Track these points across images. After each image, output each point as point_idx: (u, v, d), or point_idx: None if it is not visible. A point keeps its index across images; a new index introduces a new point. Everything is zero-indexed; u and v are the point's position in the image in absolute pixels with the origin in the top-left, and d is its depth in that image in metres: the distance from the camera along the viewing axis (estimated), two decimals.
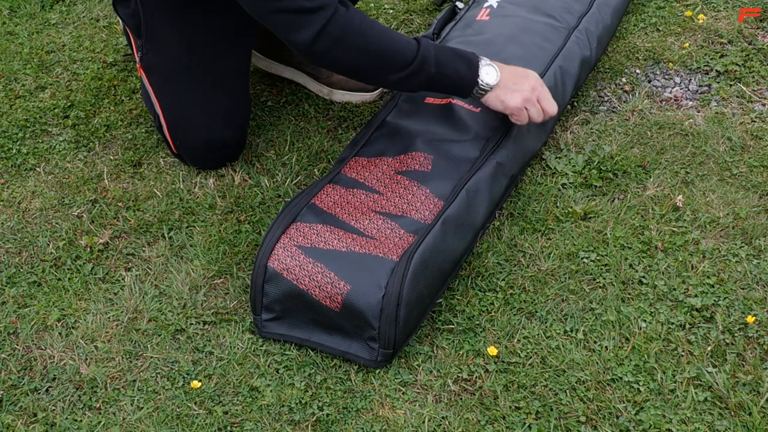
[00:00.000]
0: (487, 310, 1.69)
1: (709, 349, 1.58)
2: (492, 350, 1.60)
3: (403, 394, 1.55)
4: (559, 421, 1.49)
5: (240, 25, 1.90)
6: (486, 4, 2.18)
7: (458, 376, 1.57)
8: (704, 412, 1.49)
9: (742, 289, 1.68)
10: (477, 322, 1.66)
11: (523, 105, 1.72)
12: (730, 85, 2.18)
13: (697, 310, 1.65)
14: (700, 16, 2.38)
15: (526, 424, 1.49)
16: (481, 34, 2.09)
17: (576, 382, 1.55)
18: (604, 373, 1.56)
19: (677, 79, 2.22)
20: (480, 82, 1.69)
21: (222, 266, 1.80)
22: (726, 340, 1.60)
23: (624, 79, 2.23)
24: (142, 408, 1.55)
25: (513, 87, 1.71)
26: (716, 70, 2.22)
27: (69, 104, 2.23)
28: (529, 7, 2.16)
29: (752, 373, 1.54)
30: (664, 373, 1.55)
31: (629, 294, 1.69)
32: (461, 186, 1.72)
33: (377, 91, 2.20)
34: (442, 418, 1.51)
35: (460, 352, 1.61)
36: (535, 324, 1.65)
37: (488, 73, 1.69)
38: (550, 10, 2.14)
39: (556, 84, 1.99)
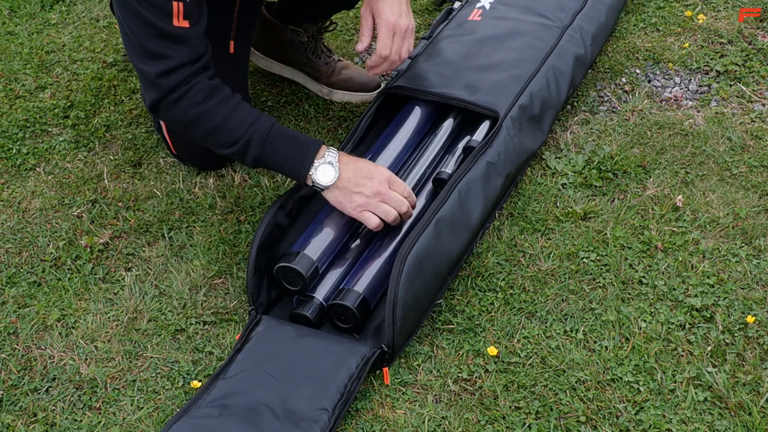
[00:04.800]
0: (487, 310, 1.69)
1: (709, 349, 1.58)
2: (492, 350, 1.60)
3: (403, 394, 1.55)
4: (559, 421, 1.49)
5: (237, 26, 1.90)
6: (478, 5, 2.19)
7: (458, 376, 1.57)
8: (704, 412, 1.49)
9: (742, 289, 1.68)
10: (477, 322, 1.66)
11: (361, 211, 1.63)
12: (730, 85, 2.18)
13: (697, 310, 1.65)
14: (700, 16, 2.39)
15: (526, 424, 1.49)
16: (472, 34, 2.09)
17: (576, 382, 1.55)
18: (604, 373, 1.56)
19: (677, 79, 2.22)
20: (313, 180, 1.63)
21: (222, 266, 1.80)
22: (726, 340, 1.60)
23: (624, 79, 2.23)
24: (142, 408, 1.55)
25: (353, 190, 1.62)
26: (716, 70, 2.22)
27: (69, 104, 2.23)
28: (522, 7, 2.16)
29: (752, 373, 1.54)
30: (664, 373, 1.55)
31: (629, 294, 1.69)
32: (453, 186, 1.72)
33: (377, 91, 2.20)
34: (442, 418, 1.51)
35: (460, 352, 1.61)
36: (535, 324, 1.65)
37: (325, 171, 1.61)
38: (542, 10, 2.15)
39: (549, 83, 1.99)
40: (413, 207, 1.69)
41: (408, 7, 1.80)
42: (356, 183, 1.62)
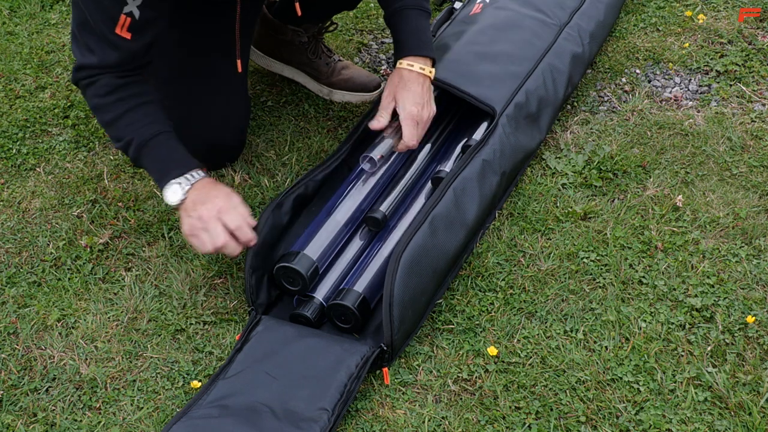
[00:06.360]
0: (487, 310, 1.69)
1: (709, 349, 1.58)
2: (492, 350, 1.60)
3: (403, 394, 1.55)
4: (559, 421, 1.49)
5: (236, 27, 1.90)
6: (479, 0, 2.19)
7: (458, 376, 1.57)
8: (704, 412, 1.49)
9: (742, 289, 1.68)
10: (477, 322, 1.66)
11: (190, 233, 1.63)
12: (730, 85, 2.18)
13: (697, 310, 1.65)
14: (700, 16, 2.39)
15: (526, 424, 1.49)
16: (473, 24, 2.10)
17: (576, 382, 1.55)
18: (604, 373, 1.56)
19: (677, 79, 2.22)
20: (163, 198, 1.67)
21: (222, 266, 1.80)
22: (726, 340, 1.60)
23: (624, 79, 2.23)
24: (142, 408, 1.55)
25: (189, 213, 1.63)
26: (716, 70, 2.22)
27: (69, 104, 2.23)
28: (521, 1, 2.17)
29: (752, 373, 1.54)
30: (664, 373, 1.55)
31: (629, 294, 1.69)
32: (448, 185, 1.73)
33: (377, 91, 2.20)
34: (442, 418, 1.51)
35: (460, 352, 1.61)
36: (535, 324, 1.65)
37: (174, 192, 1.64)
38: (541, 6, 2.15)
39: (546, 81, 2.00)
40: (246, 242, 1.64)
41: (430, 94, 1.83)
42: (193, 208, 1.63)
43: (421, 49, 1.82)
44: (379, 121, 1.80)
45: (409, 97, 1.79)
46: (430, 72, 1.82)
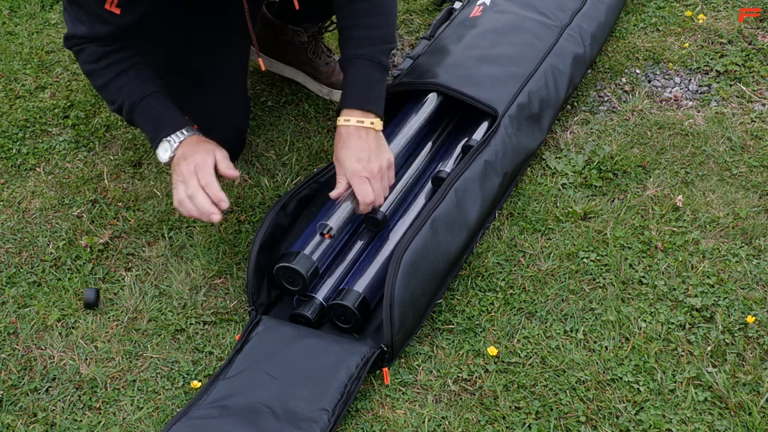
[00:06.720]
0: (487, 310, 1.69)
1: (709, 349, 1.58)
2: (492, 350, 1.60)
3: (403, 394, 1.55)
4: (559, 421, 1.49)
5: (236, 26, 1.90)
6: (479, 2, 2.19)
7: (458, 376, 1.57)
8: (704, 412, 1.49)
9: (742, 289, 1.68)
10: (477, 322, 1.66)
11: (173, 187, 1.65)
12: (730, 85, 2.18)
13: (697, 310, 1.65)
14: (700, 16, 2.39)
15: (526, 424, 1.49)
16: (473, 28, 2.10)
17: (576, 382, 1.55)
18: (604, 373, 1.56)
19: (677, 79, 2.22)
20: (157, 156, 1.71)
21: (222, 266, 1.80)
22: (726, 340, 1.60)
23: (624, 79, 2.23)
24: (142, 408, 1.55)
25: (174, 168, 1.66)
26: (716, 70, 2.22)
27: (69, 104, 2.23)
28: (522, 3, 2.17)
29: (752, 373, 1.54)
30: (664, 373, 1.55)
31: (629, 294, 1.69)
32: (450, 185, 1.73)
33: None
34: (442, 418, 1.51)
35: (460, 352, 1.61)
36: (535, 324, 1.65)
37: (164, 149, 1.69)
38: (542, 8, 2.15)
39: (548, 82, 2.00)
40: (215, 200, 1.61)
41: (378, 144, 1.70)
42: (177, 163, 1.66)
43: (362, 102, 1.70)
44: (338, 189, 1.69)
45: (350, 154, 1.67)
46: (372, 123, 1.69)
